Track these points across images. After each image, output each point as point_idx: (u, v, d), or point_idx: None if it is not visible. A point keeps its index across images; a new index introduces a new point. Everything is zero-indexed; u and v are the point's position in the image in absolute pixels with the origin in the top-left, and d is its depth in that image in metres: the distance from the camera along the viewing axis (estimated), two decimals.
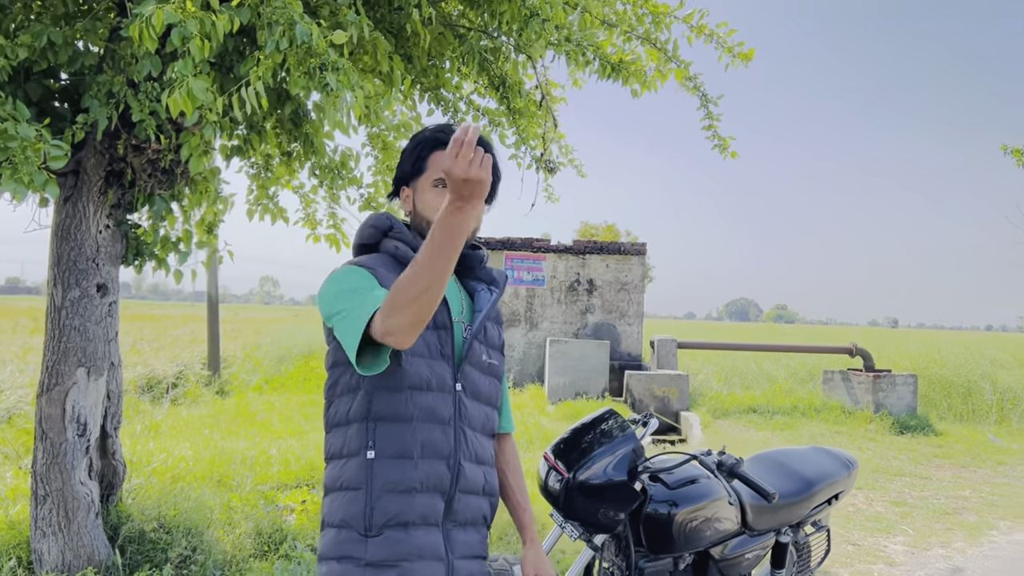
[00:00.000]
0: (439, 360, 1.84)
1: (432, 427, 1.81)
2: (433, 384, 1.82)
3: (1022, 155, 14.50)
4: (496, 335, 2.03)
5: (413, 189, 1.94)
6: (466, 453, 1.86)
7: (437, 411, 1.82)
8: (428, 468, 1.80)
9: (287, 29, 3.07)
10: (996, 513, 6.73)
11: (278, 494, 5.64)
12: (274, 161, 4.88)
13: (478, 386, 1.93)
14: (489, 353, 1.98)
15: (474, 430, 1.90)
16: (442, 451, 1.82)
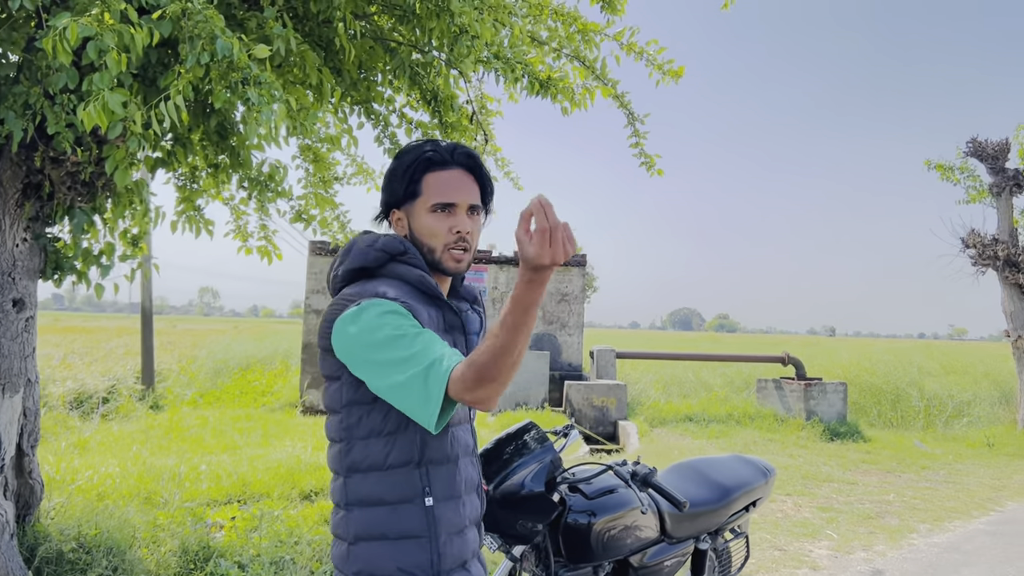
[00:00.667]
0: None
1: (467, 461, 1.83)
2: (462, 417, 1.85)
3: (945, 170, 15.08)
4: None
5: (406, 213, 1.85)
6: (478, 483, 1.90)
7: (468, 444, 1.85)
8: (471, 503, 1.83)
9: (208, 43, 3.06)
10: (917, 516, 6.97)
11: (207, 511, 5.55)
12: (201, 173, 4.83)
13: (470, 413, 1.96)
14: None
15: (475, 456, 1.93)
16: (474, 481, 1.85)
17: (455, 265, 1.82)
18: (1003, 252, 13.65)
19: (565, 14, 5.03)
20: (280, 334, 23.69)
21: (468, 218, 1.82)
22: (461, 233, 1.80)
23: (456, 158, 1.84)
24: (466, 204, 1.82)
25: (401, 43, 4.69)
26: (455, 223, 1.80)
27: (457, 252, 1.81)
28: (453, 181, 1.82)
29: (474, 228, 1.83)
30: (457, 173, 1.83)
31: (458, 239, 1.80)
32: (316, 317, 13.16)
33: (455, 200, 1.81)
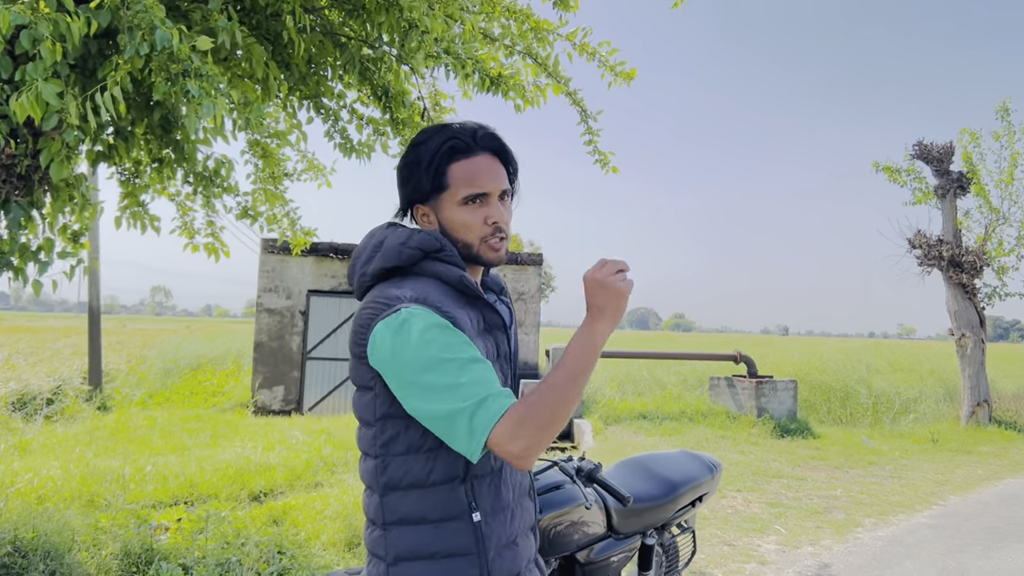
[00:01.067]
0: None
1: (514, 468, 1.68)
2: None
3: (892, 172, 15.41)
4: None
5: (433, 208, 1.73)
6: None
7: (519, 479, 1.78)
8: (522, 511, 1.75)
9: (147, 34, 3.00)
10: (863, 511, 7.10)
11: (152, 513, 5.44)
12: (145, 168, 4.73)
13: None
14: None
15: None
16: (525, 486, 1.78)
17: (495, 255, 1.73)
18: (947, 252, 14.01)
19: (518, 11, 5.02)
20: (233, 334, 23.35)
21: (501, 205, 1.72)
22: (498, 223, 1.70)
23: (480, 142, 1.71)
24: (498, 191, 1.71)
25: (351, 38, 4.64)
26: (489, 213, 1.69)
27: (495, 242, 1.71)
28: (482, 169, 1.69)
29: (507, 215, 1.75)
30: (484, 159, 1.71)
31: (495, 229, 1.70)
32: (268, 316, 12.99)
33: (487, 189, 1.69)
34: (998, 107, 14.64)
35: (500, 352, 1.75)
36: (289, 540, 5.01)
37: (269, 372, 12.91)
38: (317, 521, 5.34)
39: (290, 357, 13.06)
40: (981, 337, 14.18)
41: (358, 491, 6.04)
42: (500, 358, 1.74)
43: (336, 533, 5.14)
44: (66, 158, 3.35)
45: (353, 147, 4.90)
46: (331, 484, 6.55)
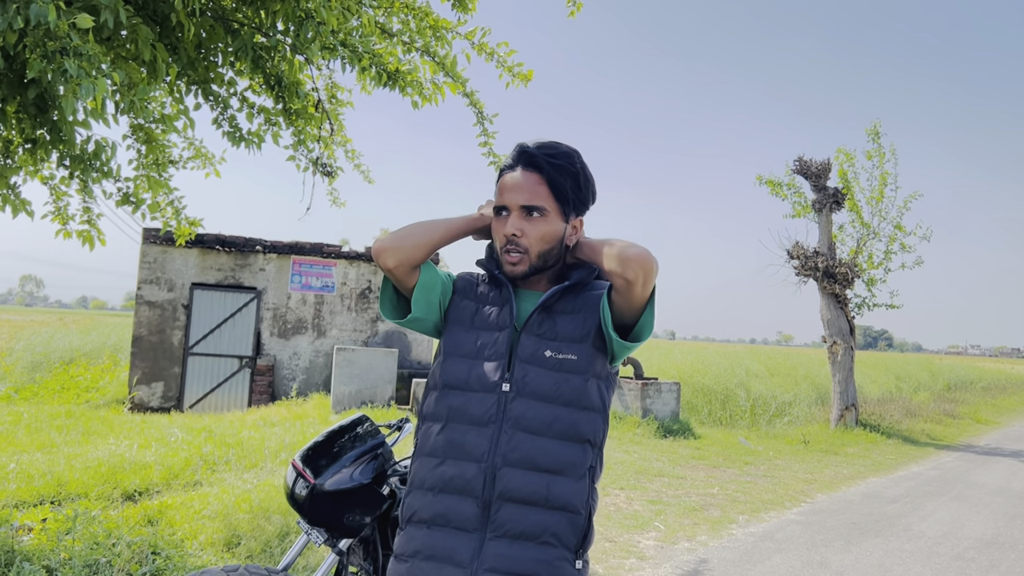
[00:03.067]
0: (485, 360, 1.82)
1: (466, 428, 1.78)
2: (473, 384, 1.81)
3: (774, 185, 16.13)
4: (577, 325, 1.85)
5: None
6: (508, 457, 1.74)
7: (471, 411, 1.78)
8: (454, 469, 1.76)
9: (22, 7, 2.84)
10: (737, 508, 7.42)
11: (14, 512, 5.14)
12: (17, 149, 4.46)
13: (537, 385, 1.78)
14: (558, 347, 1.82)
15: (528, 432, 1.76)
16: (472, 452, 1.76)
17: (510, 268, 1.85)
18: (822, 264, 14.78)
19: (416, 8, 5.01)
20: (110, 327, 22.26)
21: (522, 220, 1.82)
22: (506, 236, 1.83)
23: (518, 158, 1.87)
24: (516, 205, 1.83)
25: (244, 24, 4.52)
26: (505, 226, 1.83)
27: (509, 256, 1.84)
28: (510, 184, 1.84)
29: (529, 229, 1.82)
30: (518, 173, 1.85)
31: (507, 242, 1.84)
32: (148, 309, 12.47)
33: (504, 203, 1.85)
34: (869, 130, 15.56)
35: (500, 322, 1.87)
36: (165, 540, 4.83)
37: (148, 367, 12.39)
38: (195, 521, 5.16)
39: (171, 352, 12.57)
40: (851, 344, 15.04)
41: (238, 490, 5.87)
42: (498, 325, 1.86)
43: (215, 532, 4.99)
44: None
45: (243, 136, 4.77)
46: (211, 483, 6.35)
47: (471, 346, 1.85)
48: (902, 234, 15.34)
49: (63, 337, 17.95)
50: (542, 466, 1.74)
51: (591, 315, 1.86)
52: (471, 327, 1.89)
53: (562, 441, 1.76)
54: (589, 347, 1.83)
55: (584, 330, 1.85)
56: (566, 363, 1.80)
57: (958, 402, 22.07)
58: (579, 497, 1.75)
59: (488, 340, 1.85)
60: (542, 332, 1.84)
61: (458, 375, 1.83)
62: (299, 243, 14.00)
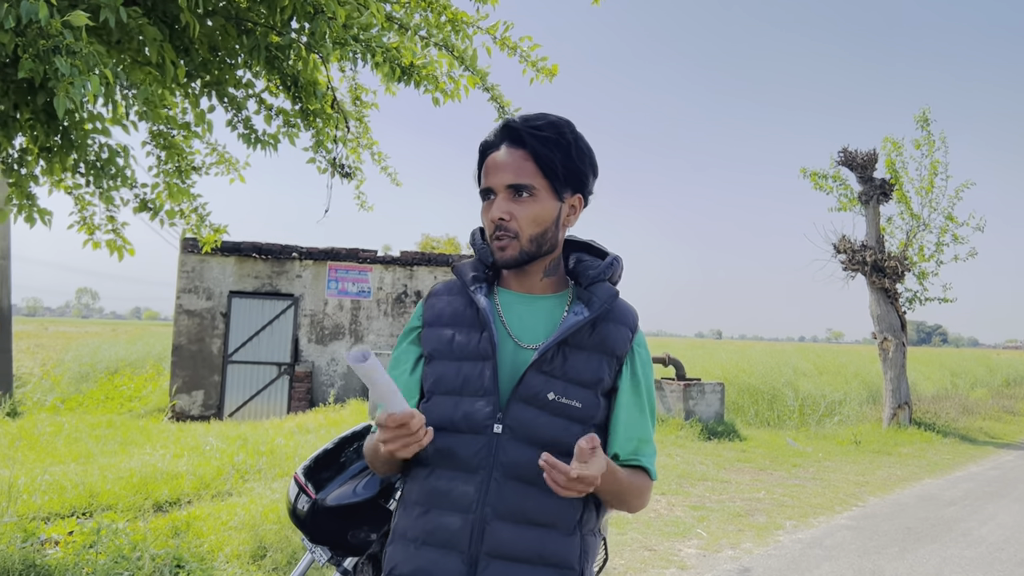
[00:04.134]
0: (473, 397, 1.58)
1: (452, 474, 1.57)
2: (460, 424, 1.58)
3: (818, 178, 15.71)
4: (589, 368, 1.61)
5: None
6: (498, 508, 1.53)
7: (456, 455, 1.57)
8: (437, 520, 1.56)
9: (14, 6, 2.75)
10: (784, 513, 7.13)
11: (42, 525, 5.10)
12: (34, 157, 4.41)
13: (535, 429, 1.56)
14: (565, 390, 1.58)
15: (521, 481, 1.55)
16: (459, 503, 1.55)
17: (500, 255, 1.62)
18: (871, 257, 14.32)
19: (434, 2, 4.86)
20: (156, 336, 22.58)
21: (510, 201, 1.60)
22: (495, 221, 1.61)
23: (500, 134, 1.66)
24: (502, 186, 1.61)
25: (257, 23, 4.42)
26: (491, 210, 1.62)
27: (499, 242, 1.61)
28: (492, 164, 1.64)
29: (518, 211, 1.60)
30: (502, 152, 1.63)
31: (494, 228, 1.61)
32: (188, 318, 12.54)
33: (489, 184, 1.64)
34: (918, 117, 15.05)
35: (480, 349, 1.61)
36: (190, 552, 4.74)
37: (188, 376, 12.45)
38: (221, 532, 5.07)
39: (210, 360, 12.62)
40: (902, 340, 14.53)
41: (267, 500, 5.78)
42: (480, 355, 1.60)
43: (241, 544, 4.89)
44: None
45: (258, 138, 4.66)
46: (240, 493, 6.27)
47: (454, 380, 1.61)
48: (954, 225, 14.80)
49: (110, 347, 18.23)
50: (536, 519, 1.55)
51: (609, 359, 1.64)
52: (451, 356, 1.64)
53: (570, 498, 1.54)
54: (596, 396, 1.62)
55: (597, 375, 1.62)
56: (569, 409, 1.58)
57: (1018, 398, 21.28)
58: (573, 553, 1.57)
59: (472, 372, 1.60)
60: (551, 369, 1.59)
61: (443, 414, 1.59)
62: (335, 249, 13.97)
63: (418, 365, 1.69)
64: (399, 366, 1.71)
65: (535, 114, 1.65)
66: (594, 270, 1.71)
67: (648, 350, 1.75)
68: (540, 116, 1.64)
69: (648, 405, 1.69)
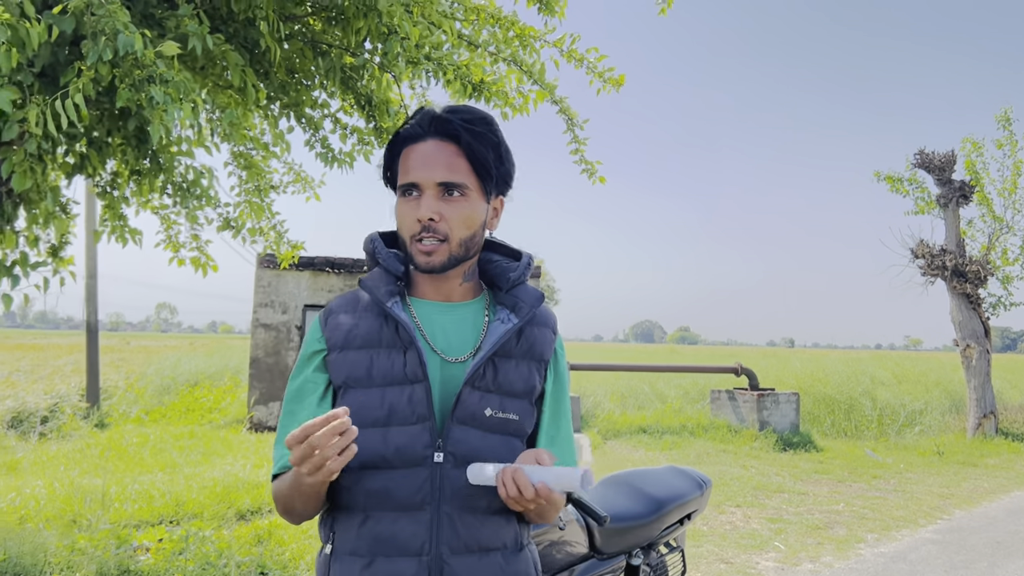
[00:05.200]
0: (405, 425, 1.43)
1: (395, 516, 1.43)
2: (393, 459, 1.42)
3: (894, 181, 15.30)
4: (520, 377, 1.53)
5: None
6: (454, 545, 1.43)
7: (395, 495, 1.42)
8: (386, 569, 1.42)
9: (111, 39, 2.91)
10: (865, 526, 6.95)
11: (134, 532, 5.31)
12: (124, 180, 4.64)
13: (478, 451, 1.45)
14: (502, 403, 1.49)
15: (472, 510, 1.46)
16: (410, 546, 1.42)
17: (425, 260, 1.46)
18: (951, 262, 13.86)
19: (503, 18, 4.93)
20: (232, 349, 23.26)
21: (440, 201, 1.45)
22: (421, 221, 1.44)
23: (431, 127, 1.47)
24: (431, 183, 1.45)
25: (332, 45, 4.56)
26: (419, 209, 1.45)
27: (423, 244, 1.45)
28: (420, 157, 1.46)
29: (449, 212, 1.45)
30: (430, 145, 1.46)
31: (420, 228, 1.45)
32: (264, 331, 12.90)
33: (417, 180, 1.45)
34: (999, 116, 14.54)
35: (408, 371, 1.45)
36: (273, 560, 4.89)
37: (265, 388, 12.80)
38: (302, 540, 5.21)
39: (286, 372, 12.94)
40: (986, 347, 14.01)
41: None
42: (408, 378, 1.45)
43: None
44: (30, 168, 3.25)
45: (335, 156, 4.80)
46: None
47: (378, 410, 1.44)
48: None
49: (190, 361, 18.84)
50: (489, 545, 1.48)
51: (537, 365, 1.56)
52: (370, 383, 1.46)
53: (505, 515, 1.51)
54: (529, 404, 1.54)
55: (529, 383, 1.54)
56: (507, 424, 1.49)
57: None
58: (529, 567, 1.55)
59: (399, 399, 1.45)
60: (484, 383, 1.48)
61: (371, 449, 1.41)
62: None
63: (327, 395, 1.51)
64: (304, 398, 1.50)
65: (461, 106, 1.50)
66: (513, 272, 1.59)
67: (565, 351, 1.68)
68: (467, 109, 1.50)
69: (567, 409, 1.63)
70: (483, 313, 1.58)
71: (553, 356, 1.61)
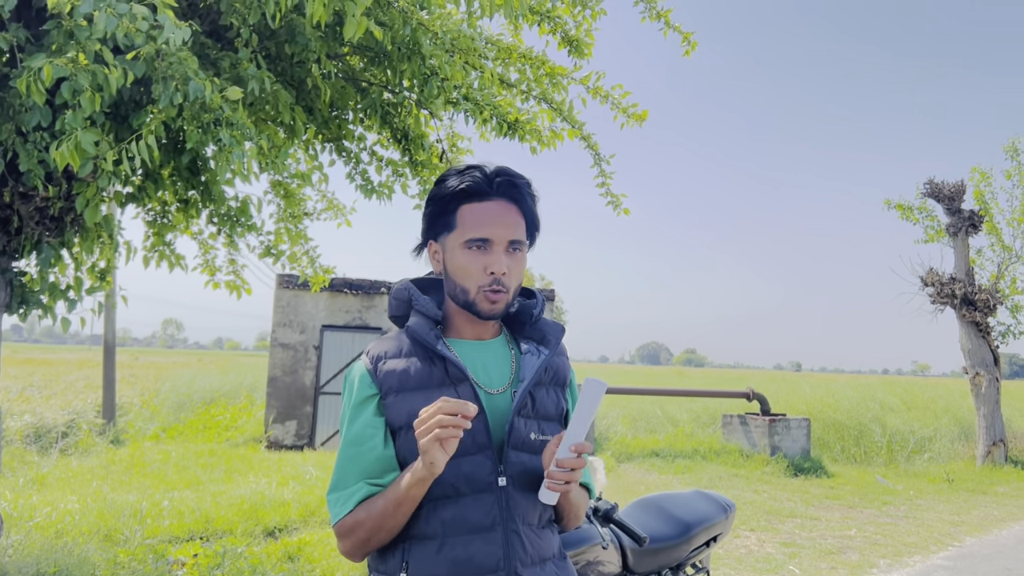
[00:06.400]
0: (468, 455, 1.57)
1: (469, 539, 1.55)
2: (463, 487, 1.57)
3: (904, 210, 15.47)
4: (552, 402, 1.71)
5: (442, 246, 1.68)
6: (524, 559, 1.58)
7: (470, 519, 1.56)
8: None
9: (181, 84, 3.12)
10: (877, 552, 7.07)
11: (169, 548, 5.48)
12: (171, 208, 4.86)
13: (531, 472, 1.62)
14: (540, 427, 1.66)
15: (531, 526, 1.63)
16: (487, 565, 1.55)
17: (489, 307, 1.62)
18: (960, 290, 14.00)
19: (533, 58, 5.16)
20: (245, 367, 23.45)
21: (506, 255, 1.62)
22: (496, 274, 1.60)
23: (497, 188, 1.64)
24: (504, 240, 1.62)
25: (373, 83, 4.79)
26: (490, 262, 1.60)
27: (492, 294, 1.61)
28: (490, 215, 1.62)
29: (513, 266, 1.63)
30: (497, 205, 1.63)
31: (493, 280, 1.60)
32: (283, 351, 13.09)
33: (490, 236, 1.61)
34: (1007, 147, 14.73)
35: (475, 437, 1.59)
36: None
37: (282, 407, 12.98)
38: (332, 558, 5.37)
39: (303, 392, 13.13)
40: (996, 375, 14.12)
41: None
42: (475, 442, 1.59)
43: (352, 570, 5.17)
44: (100, 202, 3.47)
45: (374, 188, 5.02)
46: None
47: None
48: None
49: (204, 378, 19.03)
50: (546, 555, 1.65)
51: (561, 390, 1.77)
52: None
53: (549, 525, 1.72)
54: (559, 426, 1.73)
55: (559, 407, 1.74)
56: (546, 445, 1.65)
57: None
58: (574, 572, 1.75)
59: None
60: (527, 411, 1.66)
61: (442, 481, 1.53)
62: None
63: (388, 439, 1.60)
64: (366, 441, 1.59)
65: (512, 170, 1.68)
66: (535, 309, 1.77)
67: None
68: (517, 172, 1.68)
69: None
70: (507, 347, 1.74)
71: (570, 381, 1.82)
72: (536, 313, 1.76)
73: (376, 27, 3.49)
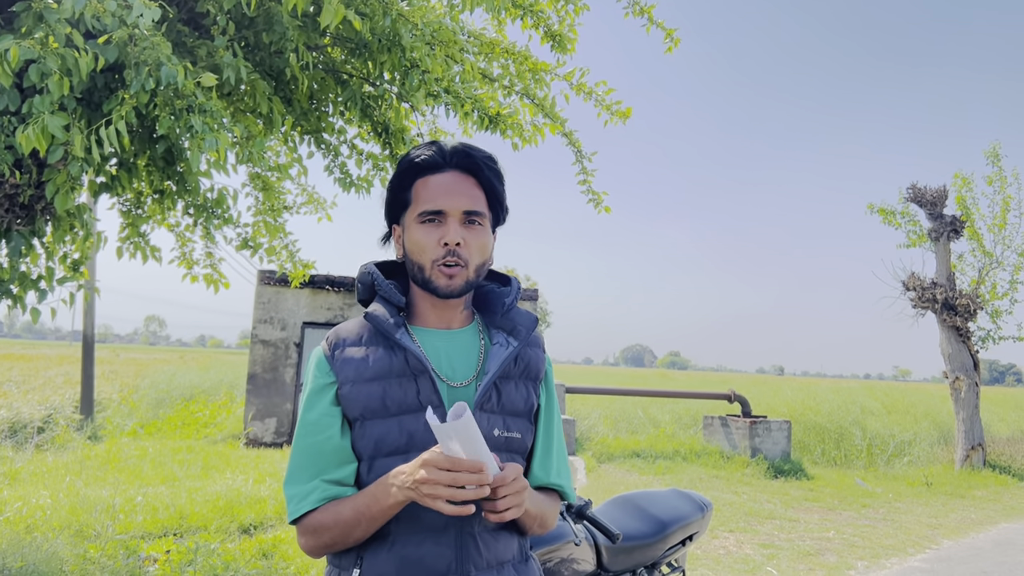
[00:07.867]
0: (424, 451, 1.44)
1: (421, 539, 1.49)
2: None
3: (887, 214, 15.55)
4: (520, 397, 1.63)
5: (402, 226, 1.62)
6: (478, 562, 1.52)
7: (423, 519, 1.49)
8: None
9: (154, 70, 3.06)
10: (855, 554, 7.08)
11: (141, 544, 5.41)
12: (146, 199, 4.78)
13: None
14: (506, 423, 1.58)
15: (488, 528, 1.55)
16: (436, 567, 1.49)
17: (447, 283, 1.54)
18: (941, 295, 14.08)
19: (516, 53, 5.12)
20: (227, 364, 23.29)
21: (463, 228, 1.55)
22: (449, 245, 1.53)
23: (451, 158, 1.58)
24: (458, 211, 1.55)
25: (353, 75, 4.73)
26: (443, 234, 1.54)
27: (447, 268, 1.53)
28: (443, 185, 1.56)
29: (472, 239, 1.56)
30: (451, 176, 1.58)
31: (447, 252, 1.53)
32: (263, 348, 12.99)
33: (443, 207, 1.55)
34: (988, 152, 14.83)
35: (423, 399, 1.52)
36: (279, 573, 4.99)
37: (262, 404, 12.88)
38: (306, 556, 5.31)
39: (283, 389, 13.03)
40: (975, 380, 14.20)
41: None
42: (423, 405, 1.52)
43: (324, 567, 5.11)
44: (70, 189, 3.40)
45: (352, 182, 4.97)
46: None
47: (398, 438, 1.51)
48: None
49: (184, 375, 18.88)
50: (503, 558, 1.58)
51: (533, 384, 1.67)
52: (387, 413, 1.52)
53: (510, 529, 1.62)
54: (529, 422, 1.64)
55: (529, 403, 1.64)
56: (512, 443, 1.59)
57: None
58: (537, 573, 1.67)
59: (416, 426, 1.51)
60: (490, 405, 1.57)
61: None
62: None
63: (345, 427, 1.54)
64: (323, 431, 1.52)
65: (472, 144, 1.63)
66: (508, 297, 1.68)
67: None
68: (477, 146, 1.62)
69: (559, 424, 1.74)
70: (478, 337, 1.65)
71: (545, 374, 1.72)
72: (508, 301, 1.67)
73: (355, 16, 3.44)
